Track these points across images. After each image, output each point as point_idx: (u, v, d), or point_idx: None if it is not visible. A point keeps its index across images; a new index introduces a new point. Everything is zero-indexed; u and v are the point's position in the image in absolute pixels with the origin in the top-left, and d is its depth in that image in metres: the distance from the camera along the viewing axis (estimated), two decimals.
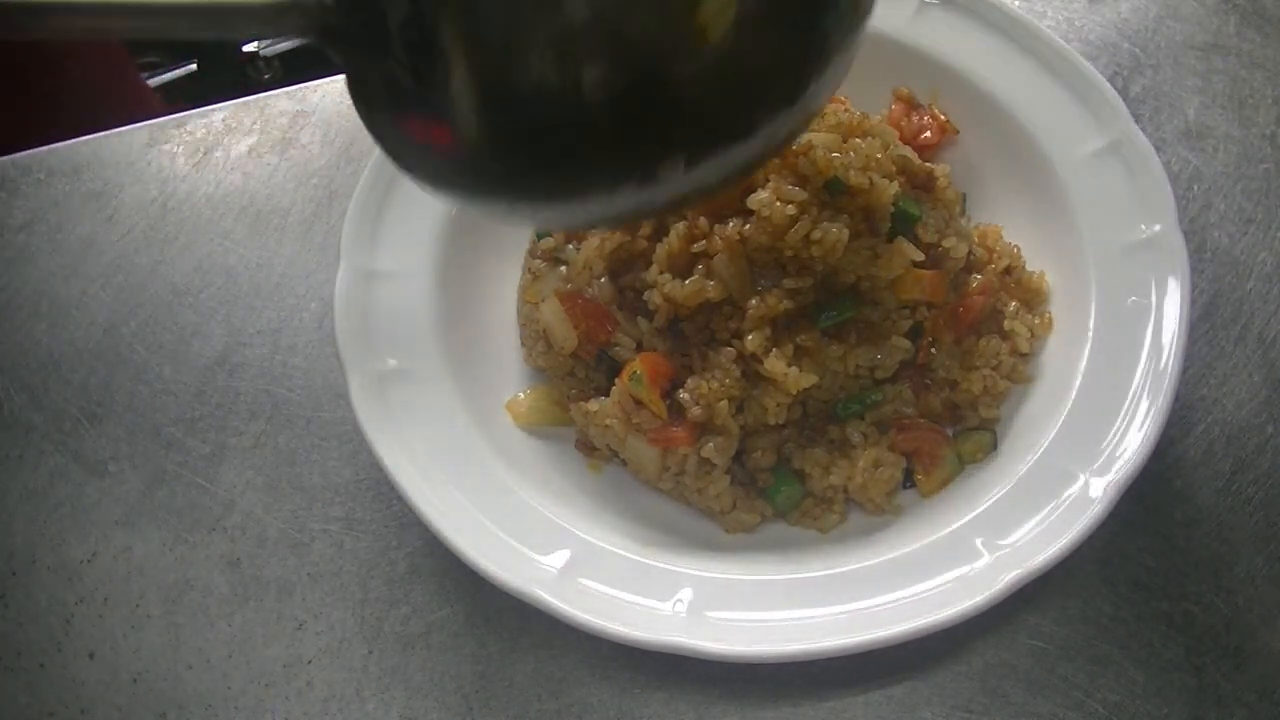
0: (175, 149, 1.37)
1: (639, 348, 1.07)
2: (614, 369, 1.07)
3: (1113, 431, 0.99)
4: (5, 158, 1.37)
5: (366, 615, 1.09)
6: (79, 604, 1.11)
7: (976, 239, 1.14)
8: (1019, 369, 1.09)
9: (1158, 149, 1.11)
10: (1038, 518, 0.97)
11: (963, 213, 1.18)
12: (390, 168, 1.14)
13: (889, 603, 0.96)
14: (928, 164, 1.14)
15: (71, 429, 1.20)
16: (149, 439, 1.19)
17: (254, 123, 1.38)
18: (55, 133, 1.40)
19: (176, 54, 2.38)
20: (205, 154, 1.36)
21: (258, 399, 1.20)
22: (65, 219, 1.33)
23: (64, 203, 1.34)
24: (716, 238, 1.03)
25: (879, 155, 1.07)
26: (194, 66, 2.38)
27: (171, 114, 1.41)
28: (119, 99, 1.88)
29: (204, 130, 1.38)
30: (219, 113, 1.40)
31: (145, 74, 2.29)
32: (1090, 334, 1.05)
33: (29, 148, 1.38)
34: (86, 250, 1.31)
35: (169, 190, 1.34)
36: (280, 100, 1.39)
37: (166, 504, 1.16)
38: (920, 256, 1.06)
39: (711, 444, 1.03)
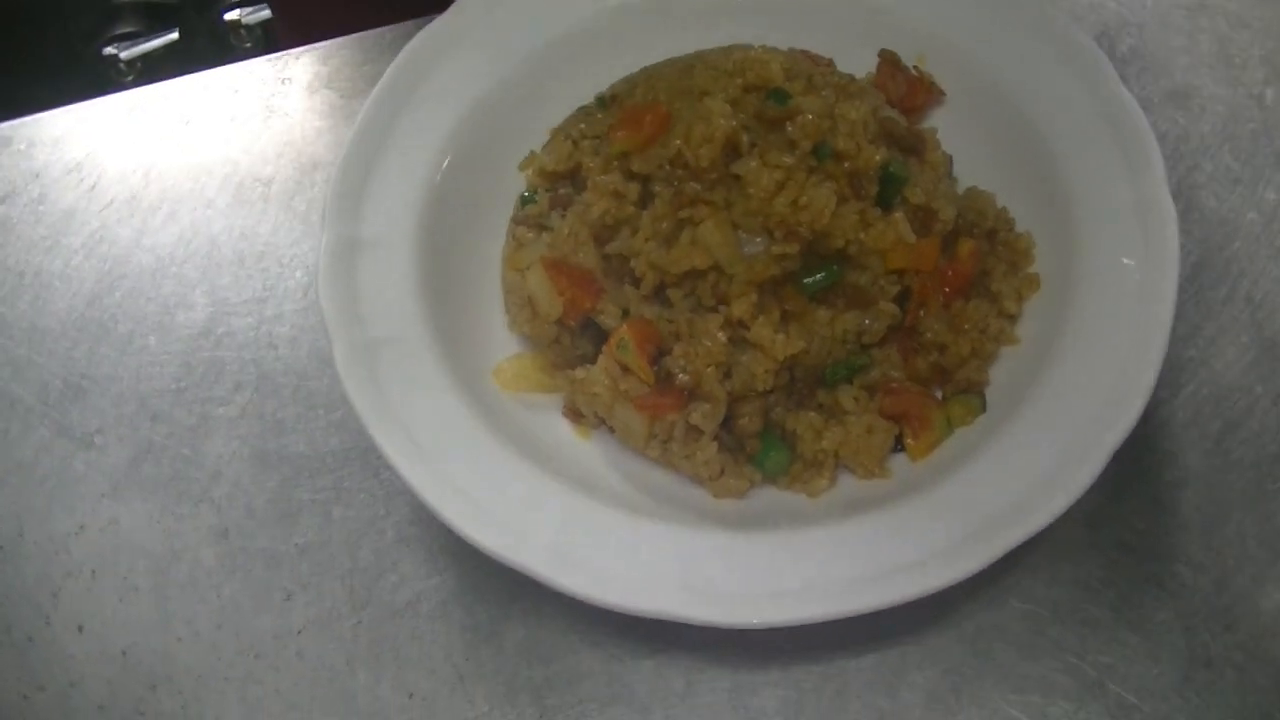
0: (156, 118, 1.36)
1: (625, 315, 1.06)
2: (600, 336, 1.07)
3: (1101, 393, 0.99)
4: None
5: (355, 585, 1.09)
6: (67, 577, 1.11)
7: (965, 202, 1.14)
8: (1007, 331, 1.08)
9: (1144, 109, 1.11)
10: (1028, 480, 0.97)
11: (949, 174, 1.17)
12: (375, 135, 1.14)
13: (880, 568, 0.95)
14: (916, 126, 1.14)
15: (56, 402, 1.20)
16: (135, 410, 1.19)
17: (235, 91, 1.37)
18: None
19: (157, 23, 2.36)
20: (187, 123, 1.35)
21: (244, 369, 1.20)
22: (46, 190, 1.33)
23: (45, 174, 1.34)
24: (703, 204, 1.02)
25: (867, 119, 1.06)
26: (174, 35, 2.37)
27: (152, 82, 1.40)
28: None
29: (185, 99, 1.37)
30: (200, 81, 1.39)
31: (125, 43, 2.28)
32: (1078, 296, 1.05)
33: None
34: (68, 221, 1.30)
35: (151, 160, 1.33)
36: (262, 68, 1.38)
37: (153, 476, 1.15)
38: (913, 239, 1.05)
39: (699, 410, 1.02)
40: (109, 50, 2.33)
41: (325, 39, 1.40)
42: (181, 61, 2.40)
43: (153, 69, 2.35)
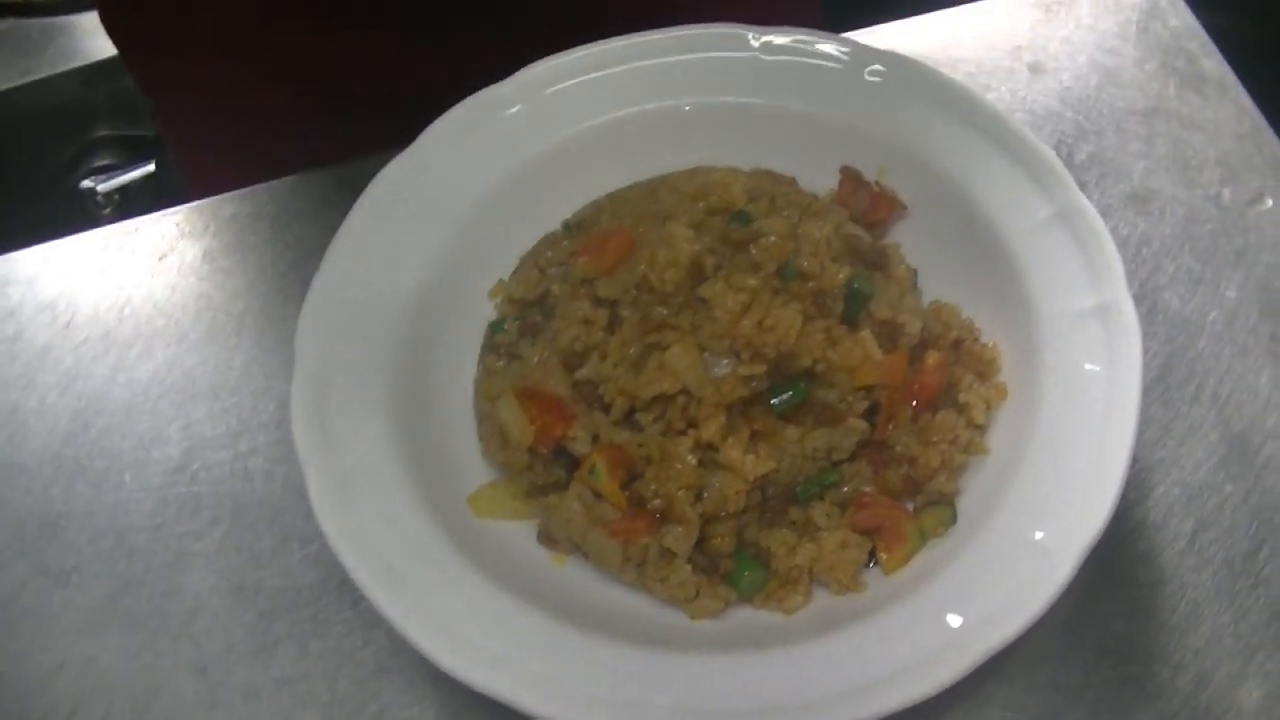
0: (130, 254, 1.37)
1: (596, 440, 1.07)
2: (572, 463, 1.07)
3: (1072, 498, 1.00)
4: None
5: (334, 716, 1.08)
6: (44, 717, 1.10)
7: (930, 314, 1.15)
8: (975, 441, 1.09)
9: (1104, 215, 1.13)
10: (1002, 587, 0.97)
11: (914, 287, 1.18)
12: (343, 267, 1.15)
13: (859, 682, 0.95)
14: (879, 242, 1.15)
15: (33, 540, 1.20)
16: (112, 547, 1.18)
17: (207, 226, 1.38)
18: None
19: (134, 155, 2.38)
20: (160, 259, 1.36)
21: (220, 503, 1.20)
22: (22, 328, 1.33)
23: (19, 311, 1.34)
24: (669, 328, 1.04)
25: (829, 237, 1.08)
26: (151, 168, 2.38)
27: (126, 218, 1.41)
28: None
29: (158, 235, 1.39)
30: (172, 217, 1.40)
31: (101, 175, 2.29)
32: (1045, 403, 1.06)
33: None
34: (44, 358, 1.31)
35: (125, 296, 1.34)
36: (232, 203, 1.40)
37: (131, 611, 1.15)
38: (880, 356, 1.06)
39: (671, 534, 1.03)
40: (86, 184, 2.34)
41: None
42: (158, 194, 2.42)
43: (130, 201, 2.36)
